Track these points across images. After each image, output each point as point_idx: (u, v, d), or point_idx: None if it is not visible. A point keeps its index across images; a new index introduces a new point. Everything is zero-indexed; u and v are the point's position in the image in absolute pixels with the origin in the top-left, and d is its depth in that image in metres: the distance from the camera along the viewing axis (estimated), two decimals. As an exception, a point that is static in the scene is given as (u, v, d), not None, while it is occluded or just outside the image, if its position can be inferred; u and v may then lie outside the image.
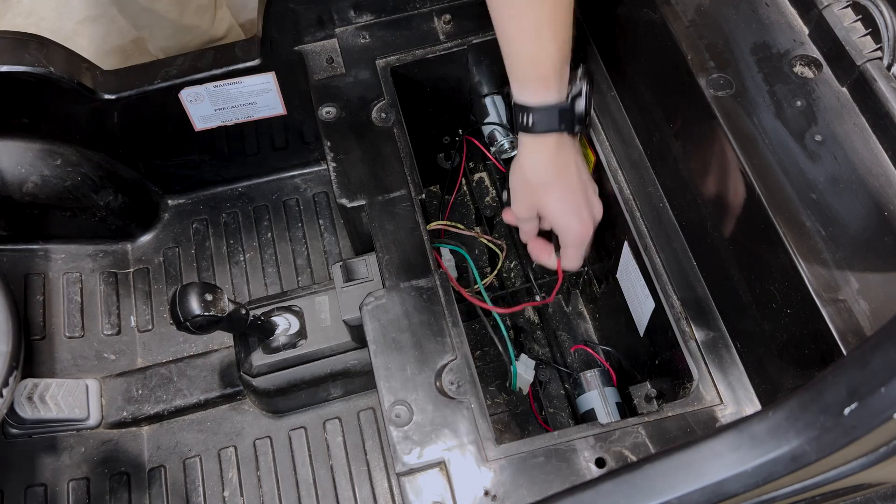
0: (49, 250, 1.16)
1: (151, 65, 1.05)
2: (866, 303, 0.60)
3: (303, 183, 1.25)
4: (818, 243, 0.63)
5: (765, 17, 0.76)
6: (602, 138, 0.87)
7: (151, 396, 1.05)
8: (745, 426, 0.48)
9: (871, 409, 0.42)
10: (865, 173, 0.65)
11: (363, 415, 1.07)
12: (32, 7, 1.87)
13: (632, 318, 0.89)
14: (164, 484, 1.03)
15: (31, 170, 1.08)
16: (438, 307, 0.79)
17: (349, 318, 0.87)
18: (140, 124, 1.09)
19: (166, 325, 1.14)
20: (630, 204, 0.84)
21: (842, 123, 0.68)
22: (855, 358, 0.44)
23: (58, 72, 0.98)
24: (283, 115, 1.12)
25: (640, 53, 0.84)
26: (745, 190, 0.67)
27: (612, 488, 0.50)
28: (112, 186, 1.14)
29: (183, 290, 0.83)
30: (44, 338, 1.09)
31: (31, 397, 0.99)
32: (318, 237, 1.21)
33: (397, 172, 0.89)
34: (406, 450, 0.71)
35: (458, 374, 0.75)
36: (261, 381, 0.98)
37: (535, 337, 1.10)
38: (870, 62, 0.67)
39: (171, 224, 1.23)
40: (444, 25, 1.00)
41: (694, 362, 0.75)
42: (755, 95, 0.71)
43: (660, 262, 0.80)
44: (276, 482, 1.03)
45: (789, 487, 0.51)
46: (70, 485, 1.01)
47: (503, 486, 0.69)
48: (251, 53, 1.04)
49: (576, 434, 0.71)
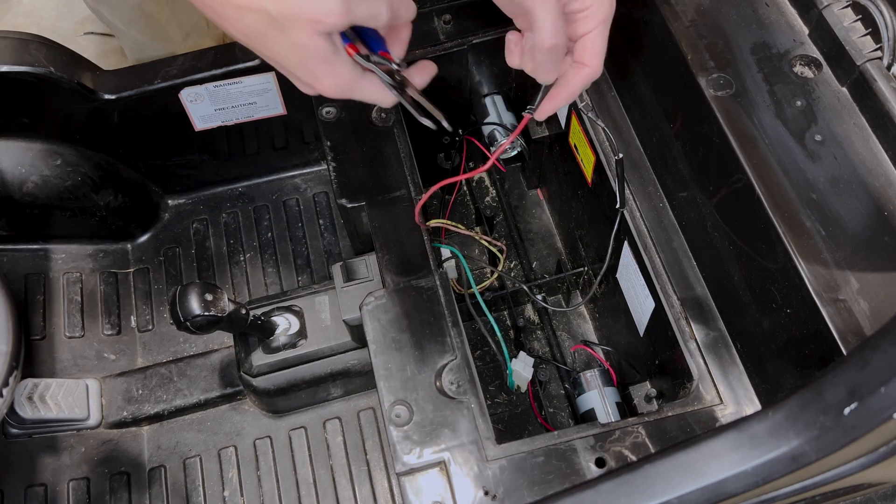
0: (49, 250, 1.16)
1: (151, 65, 1.05)
2: (866, 303, 0.60)
3: (303, 183, 1.26)
4: (818, 243, 0.63)
5: (765, 17, 0.76)
6: (602, 138, 0.87)
7: (151, 396, 1.05)
8: (745, 426, 0.48)
9: (871, 408, 0.42)
10: (865, 173, 0.65)
11: (363, 415, 1.07)
12: (32, 7, 1.87)
13: (632, 318, 0.89)
14: (164, 484, 1.03)
15: (31, 170, 1.08)
16: (438, 307, 0.79)
17: (349, 318, 0.87)
18: (140, 124, 1.09)
19: (166, 325, 1.14)
20: (630, 204, 0.84)
21: (842, 123, 0.68)
22: (855, 358, 0.44)
23: (58, 72, 0.98)
24: (284, 115, 1.12)
25: (640, 53, 0.84)
26: (745, 190, 0.67)
27: (612, 488, 0.50)
28: (112, 186, 1.14)
29: (183, 290, 0.83)
30: (44, 338, 1.09)
31: (31, 397, 0.99)
32: (318, 237, 1.21)
33: (397, 172, 0.89)
34: (406, 450, 0.71)
35: (458, 374, 0.75)
36: (261, 380, 0.98)
37: (535, 336, 1.10)
38: (870, 62, 0.67)
39: (171, 224, 1.23)
40: (444, 25, 1.00)
41: (694, 362, 0.75)
42: (755, 95, 0.71)
43: (660, 262, 0.80)
44: (276, 482, 1.04)
45: (789, 487, 0.51)
46: (70, 485, 1.01)
47: (503, 485, 0.69)
48: (251, 53, 1.03)
49: (576, 434, 0.71)
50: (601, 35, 0.67)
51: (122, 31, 1.27)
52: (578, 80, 0.69)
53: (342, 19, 0.59)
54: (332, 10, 0.58)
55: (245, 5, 0.57)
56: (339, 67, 0.62)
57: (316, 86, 0.63)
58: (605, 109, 0.90)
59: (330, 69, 0.62)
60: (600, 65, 0.68)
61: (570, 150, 0.95)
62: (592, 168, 0.89)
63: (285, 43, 0.59)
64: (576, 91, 0.70)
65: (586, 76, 0.69)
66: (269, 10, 0.57)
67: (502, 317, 1.13)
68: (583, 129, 0.88)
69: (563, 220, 1.13)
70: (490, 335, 0.98)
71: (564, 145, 0.98)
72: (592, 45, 0.67)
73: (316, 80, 0.62)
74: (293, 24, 0.58)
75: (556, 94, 0.70)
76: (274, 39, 0.59)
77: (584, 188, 0.95)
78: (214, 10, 0.59)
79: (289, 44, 0.59)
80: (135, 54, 1.30)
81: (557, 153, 1.04)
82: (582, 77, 0.69)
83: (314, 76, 0.62)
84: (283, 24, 0.58)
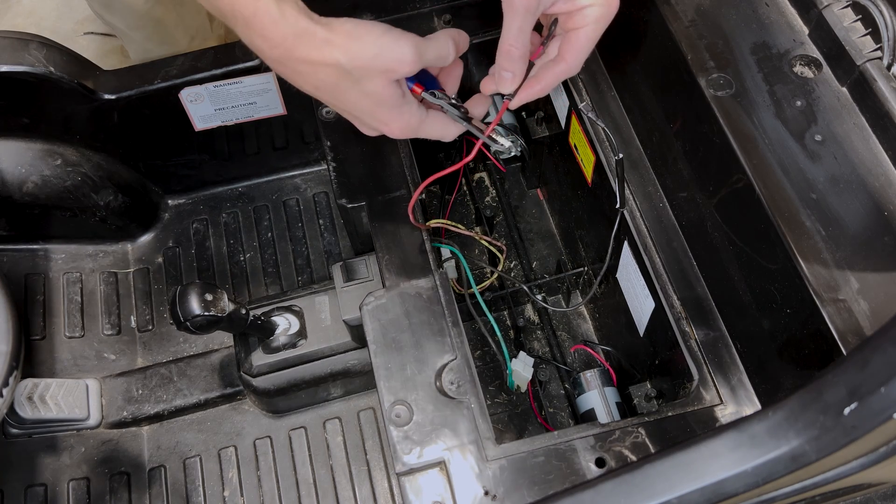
0: (49, 250, 1.16)
1: (151, 65, 1.05)
2: (866, 303, 0.60)
3: (303, 183, 1.26)
4: (818, 243, 0.63)
5: (765, 17, 0.76)
6: (602, 138, 0.87)
7: (151, 396, 1.05)
8: (745, 426, 0.48)
9: (871, 408, 0.42)
10: (865, 173, 0.65)
11: (363, 415, 1.07)
12: (32, 7, 1.87)
13: (632, 318, 0.89)
14: (164, 484, 1.03)
15: (31, 170, 1.08)
16: (438, 307, 0.79)
17: (349, 318, 0.87)
18: (140, 124, 1.09)
19: (166, 325, 1.14)
20: (630, 204, 0.84)
21: (842, 123, 0.68)
22: (855, 358, 0.44)
23: (58, 72, 0.98)
24: (284, 115, 1.12)
25: (640, 53, 0.84)
26: (745, 190, 0.67)
27: (612, 488, 0.50)
28: (112, 186, 1.14)
29: (183, 290, 0.83)
30: (44, 338, 1.09)
31: (31, 397, 0.99)
32: (318, 237, 1.21)
33: (397, 172, 0.89)
34: (406, 449, 0.71)
35: (458, 373, 0.75)
36: (261, 380, 0.98)
37: (536, 336, 1.10)
38: (870, 62, 0.67)
39: (171, 224, 1.23)
40: (445, 25, 1.00)
41: (694, 362, 0.75)
42: (755, 95, 0.71)
43: (660, 262, 0.80)
44: (276, 482, 1.04)
45: (789, 487, 0.51)
46: (70, 485, 1.01)
47: (503, 485, 0.69)
48: (251, 53, 1.02)
49: (576, 434, 0.71)
50: (588, 35, 0.67)
51: (127, 35, 1.27)
52: (552, 73, 0.69)
53: (415, 66, 0.62)
54: (406, 58, 0.60)
55: (319, 61, 0.59)
56: (406, 111, 0.65)
57: (384, 129, 0.66)
58: (605, 109, 0.90)
59: (398, 113, 0.64)
60: (578, 63, 0.69)
61: (570, 150, 0.95)
62: (592, 168, 0.89)
63: (357, 93, 0.61)
64: (549, 84, 0.70)
65: (560, 71, 0.69)
66: (343, 64, 0.59)
67: (502, 317, 1.13)
68: (583, 129, 0.88)
69: (563, 220, 1.13)
70: (490, 335, 0.98)
71: (564, 145, 0.98)
72: (576, 41, 0.67)
73: (384, 125, 0.65)
74: (366, 75, 0.60)
75: (531, 84, 0.70)
76: (346, 91, 0.61)
77: (584, 188, 0.95)
78: (287, 67, 0.61)
79: (360, 93, 0.61)
80: (139, 56, 1.30)
81: (557, 153, 1.04)
82: (556, 72, 0.69)
83: (383, 121, 0.65)
84: (355, 77, 0.60)
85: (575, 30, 0.67)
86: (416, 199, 0.82)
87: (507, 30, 0.65)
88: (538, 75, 0.70)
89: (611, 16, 0.67)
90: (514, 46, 0.65)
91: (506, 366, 0.95)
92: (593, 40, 0.68)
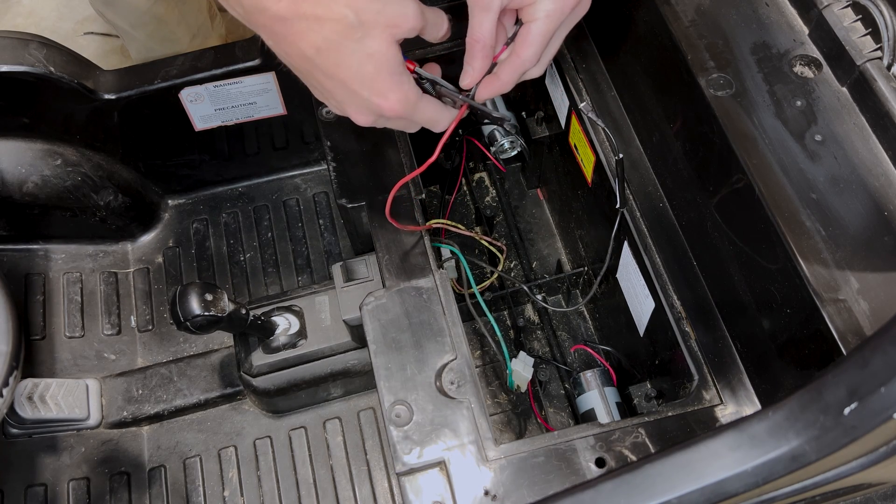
0: (49, 250, 1.16)
1: (151, 65, 1.05)
2: (866, 303, 0.60)
3: (303, 183, 1.26)
4: (818, 243, 0.63)
5: (765, 17, 0.76)
6: (602, 138, 0.87)
7: (151, 396, 1.05)
8: (745, 426, 0.48)
9: (871, 408, 0.42)
10: (865, 173, 0.65)
11: (363, 415, 1.07)
12: (32, 7, 1.87)
13: (632, 318, 0.89)
14: (164, 484, 1.03)
15: (31, 170, 1.08)
16: (438, 307, 0.79)
17: (349, 318, 0.87)
18: (140, 124, 1.09)
19: (166, 325, 1.14)
20: (630, 204, 0.84)
21: (842, 123, 0.68)
22: (855, 358, 0.44)
23: (58, 72, 0.98)
24: (283, 115, 1.12)
25: (640, 53, 0.84)
26: (745, 190, 0.67)
27: (612, 488, 0.50)
28: (112, 186, 1.14)
29: (183, 290, 0.83)
30: (44, 338, 1.09)
31: (31, 397, 0.99)
32: (318, 237, 1.21)
33: (397, 172, 0.89)
34: (406, 449, 0.71)
35: (458, 373, 0.75)
36: (261, 380, 0.98)
37: (536, 336, 1.10)
38: (870, 62, 0.67)
39: (171, 224, 1.23)
40: (444, 25, 1.00)
41: (694, 362, 0.75)
42: (755, 95, 0.71)
43: (660, 262, 0.80)
44: (276, 482, 1.04)
45: (789, 487, 0.51)
46: (70, 485, 1.01)
47: (503, 485, 0.69)
48: (251, 53, 1.04)
49: (576, 434, 0.71)
50: (539, 29, 0.66)
51: (128, 34, 1.27)
52: (508, 69, 0.69)
53: (417, 22, 0.61)
54: (409, 13, 0.60)
55: (325, 15, 0.58)
56: (405, 81, 0.64)
57: (381, 104, 0.64)
58: (605, 109, 0.90)
59: (398, 82, 0.63)
60: (533, 57, 0.68)
61: (570, 150, 0.95)
62: (592, 168, 0.89)
63: (360, 54, 0.60)
64: (508, 79, 0.69)
65: (516, 66, 0.68)
66: (349, 18, 0.58)
67: (502, 317, 1.13)
68: (583, 129, 0.88)
69: (563, 220, 1.13)
70: (490, 335, 0.98)
71: (564, 145, 0.98)
72: (527, 35, 0.67)
73: (382, 98, 0.63)
74: (372, 30, 0.59)
75: (490, 80, 0.70)
76: (349, 51, 0.60)
77: (584, 188, 0.95)
78: (290, 25, 0.59)
79: (364, 55, 0.60)
80: (140, 55, 1.30)
81: (557, 153, 1.04)
82: (512, 67, 0.69)
83: (381, 93, 0.63)
84: (359, 35, 0.59)
85: (527, 24, 0.67)
86: (392, 199, 0.79)
87: (469, 26, 0.66)
88: (497, 71, 0.70)
89: (563, 11, 0.66)
90: (475, 41, 0.67)
91: (506, 366, 0.95)
92: (545, 34, 0.67)
